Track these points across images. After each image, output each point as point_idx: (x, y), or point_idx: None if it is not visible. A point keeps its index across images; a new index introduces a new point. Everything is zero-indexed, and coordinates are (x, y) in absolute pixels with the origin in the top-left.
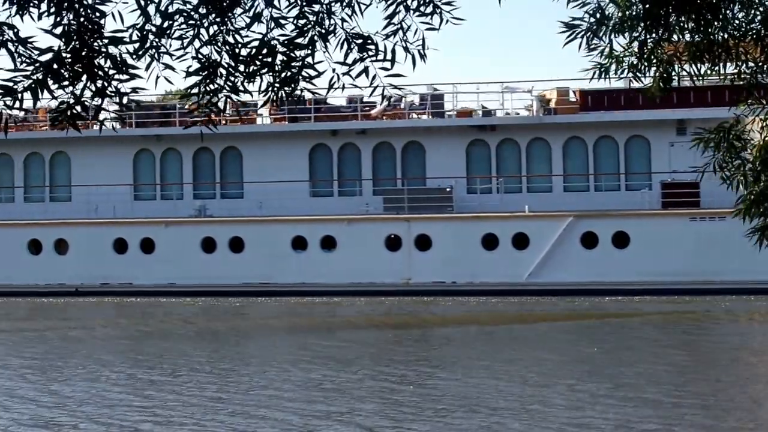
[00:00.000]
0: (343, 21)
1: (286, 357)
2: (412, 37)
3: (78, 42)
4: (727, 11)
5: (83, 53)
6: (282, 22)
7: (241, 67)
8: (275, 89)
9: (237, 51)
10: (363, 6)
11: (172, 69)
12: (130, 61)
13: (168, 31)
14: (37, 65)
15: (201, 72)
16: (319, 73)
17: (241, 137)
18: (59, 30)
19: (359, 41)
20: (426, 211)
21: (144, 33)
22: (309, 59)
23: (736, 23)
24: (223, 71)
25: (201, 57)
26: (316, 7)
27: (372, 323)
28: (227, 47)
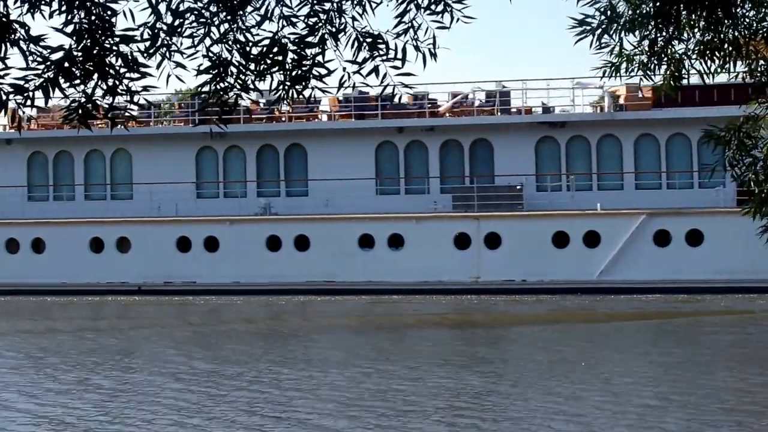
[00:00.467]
0: (354, 19)
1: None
2: (422, 36)
3: (89, 40)
4: (739, 9)
5: (94, 52)
6: (293, 20)
7: (252, 66)
8: (286, 88)
9: (248, 49)
10: (374, 4)
11: (183, 67)
12: (141, 60)
13: (179, 30)
14: (49, 64)
15: (212, 70)
16: (330, 72)
17: (306, 134)
18: (70, 28)
19: (370, 40)
20: (496, 209)
21: (155, 31)
22: (319, 58)
23: (746, 22)
24: (234, 69)
25: (212, 55)
26: (326, 6)
27: (441, 322)
28: (238, 45)
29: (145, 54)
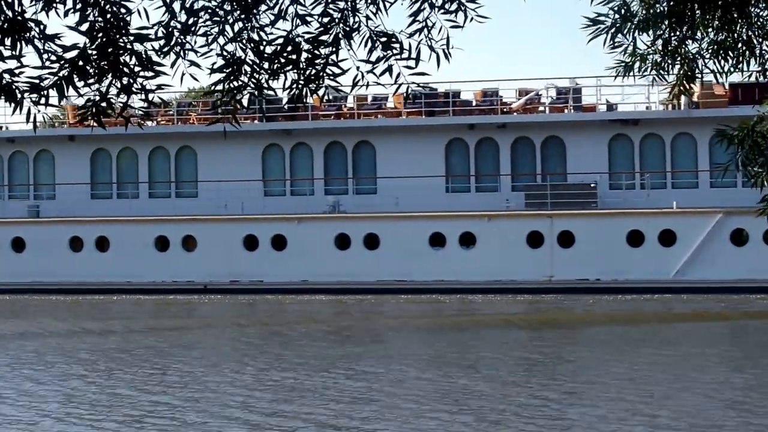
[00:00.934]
0: (368, 18)
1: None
2: (436, 36)
3: (103, 39)
4: (753, 8)
5: (109, 50)
6: (307, 19)
7: (266, 65)
8: (299, 87)
9: (261, 48)
10: (388, 3)
11: (197, 66)
12: (155, 58)
13: (193, 28)
14: (63, 62)
15: (225, 69)
16: (344, 71)
17: (375, 131)
18: (85, 27)
19: (383, 39)
20: (569, 207)
21: (169, 30)
22: (333, 57)
23: (760, 22)
24: (248, 68)
25: (226, 54)
26: (340, 5)
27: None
28: (252, 44)
29: (160, 53)
